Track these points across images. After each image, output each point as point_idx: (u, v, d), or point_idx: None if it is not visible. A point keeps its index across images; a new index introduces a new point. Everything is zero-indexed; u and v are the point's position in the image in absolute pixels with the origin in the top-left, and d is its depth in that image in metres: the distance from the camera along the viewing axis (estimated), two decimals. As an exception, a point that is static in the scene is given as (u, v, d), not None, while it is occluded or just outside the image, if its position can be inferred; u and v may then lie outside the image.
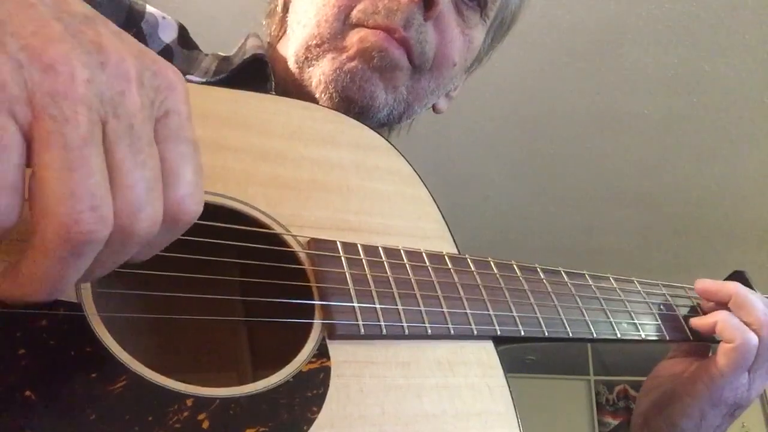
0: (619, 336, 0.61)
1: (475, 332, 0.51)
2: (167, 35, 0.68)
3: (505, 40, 0.81)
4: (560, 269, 0.62)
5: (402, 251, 0.53)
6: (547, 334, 0.55)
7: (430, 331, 0.49)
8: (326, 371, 0.43)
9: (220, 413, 0.37)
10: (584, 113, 2.43)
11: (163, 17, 0.68)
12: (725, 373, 0.63)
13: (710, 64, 2.12)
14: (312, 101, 0.63)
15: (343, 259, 0.49)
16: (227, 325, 0.53)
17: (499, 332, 0.52)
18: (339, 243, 0.50)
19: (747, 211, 3.02)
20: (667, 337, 0.66)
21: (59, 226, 0.27)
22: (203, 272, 0.44)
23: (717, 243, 3.33)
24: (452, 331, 0.50)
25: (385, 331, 0.46)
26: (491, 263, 0.58)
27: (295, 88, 0.66)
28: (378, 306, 0.47)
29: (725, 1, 1.88)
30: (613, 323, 0.61)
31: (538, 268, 0.61)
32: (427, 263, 0.53)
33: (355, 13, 0.63)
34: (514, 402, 0.50)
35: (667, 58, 2.11)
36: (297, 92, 0.65)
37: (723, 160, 2.65)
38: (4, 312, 0.33)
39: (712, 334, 0.65)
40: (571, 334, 0.57)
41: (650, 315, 0.66)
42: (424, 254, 0.54)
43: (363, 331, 0.45)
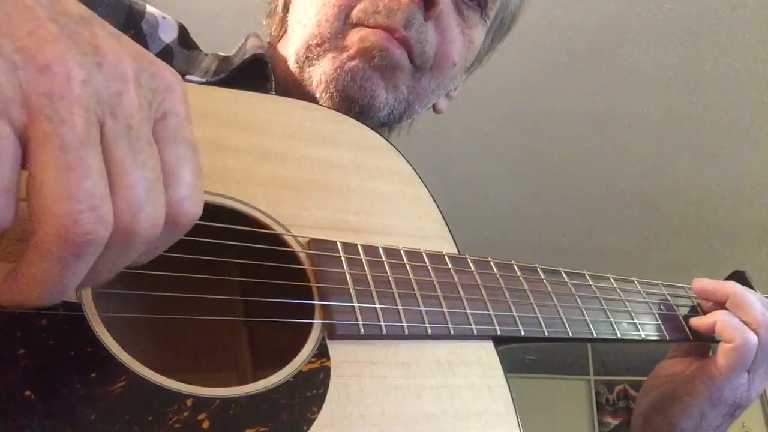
0: (619, 336, 0.61)
1: (475, 332, 0.51)
2: (167, 35, 0.68)
3: (505, 40, 0.81)
4: (560, 269, 0.62)
5: (402, 251, 0.53)
6: (547, 334, 0.55)
7: (430, 331, 0.49)
8: (326, 371, 0.43)
9: (220, 413, 0.37)
10: (584, 113, 2.43)
11: (164, 17, 0.68)
12: (725, 373, 0.63)
13: (710, 64, 2.12)
14: (312, 101, 0.63)
15: (343, 259, 0.49)
16: (227, 325, 0.53)
17: (499, 332, 0.52)
18: (339, 243, 0.50)
19: (747, 211, 3.02)
20: (667, 337, 0.66)
21: (58, 227, 0.27)
22: (203, 272, 0.44)
23: (717, 243, 3.32)
24: (452, 331, 0.50)
25: (385, 331, 0.46)
26: (491, 263, 0.58)
27: (295, 88, 0.66)
28: (378, 306, 0.47)
29: (725, 1, 1.88)
30: (613, 323, 0.61)
31: (538, 268, 0.61)
32: (427, 263, 0.53)
33: (355, 13, 0.63)
34: (514, 402, 0.50)
35: (667, 58, 2.11)
36: (297, 92, 0.65)
37: (723, 160, 2.65)
38: (4, 312, 0.33)
39: (711, 333, 0.65)
40: (571, 334, 0.57)
41: (650, 315, 0.66)
42: (424, 254, 0.54)
43: (363, 331, 0.45)
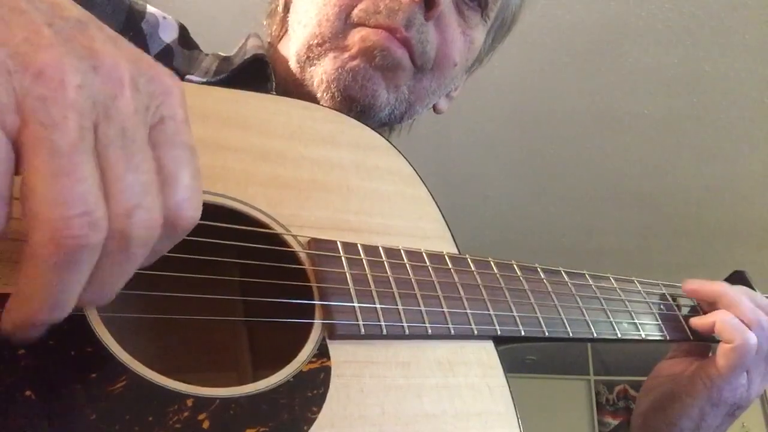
0: (619, 336, 0.61)
1: (476, 332, 0.51)
2: (168, 35, 0.68)
3: (505, 41, 0.81)
4: (560, 269, 0.62)
5: (402, 251, 0.53)
6: (547, 333, 0.55)
7: (430, 331, 0.49)
8: (326, 371, 0.43)
9: (221, 413, 0.37)
10: (584, 113, 2.43)
11: (164, 17, 0.68)
12: (724, 374, 0.63)
13: (710, 64, 2.12)
14: (313, 101, 0.63)
15: (343, 259, 0.49)
16: (227, 325, 0.53)
17: (500, 332, 0.52)
18: (339, 243, 0.50)
19: (747, 211, 3.02)
20: (668, 336, 0.66)
21: (50, 232, 0.27)
22: (203, 272, 0.44)
23: (717, 243, 3.33)
24: (452, 331, 0.50)
25: (385, 331, 0.46)
26: (491, 263, 0.57)
27: (296, 88, 0.66)
28: (378, 306, 0.47)
29: (725, 1, 1.88)
30: (614, 323, 0.61)
31: (539, 268, 0.61)
32: (428, 263, 0.53)
33: (356, 13, 0.63)
34: (514, 402, 0.50)
35: (667, 58, 2.11)
36: (298, 92, 0.65)
37: (723, 160, 2.65)
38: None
39: (711, 333, 0.66)
40: (571, 333, 0.57)
41: (650, 315, 0.66)
42: (424, 254, 0.54)
43: (363, 331, 0.45)
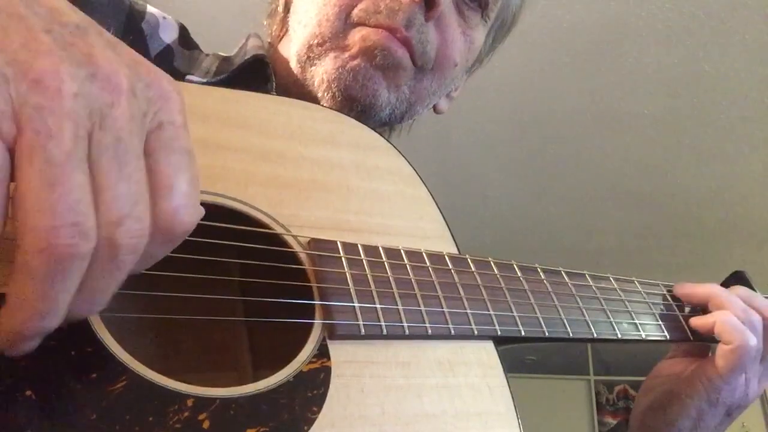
0: (619, 336, 0.61)
1: (476, 332, 0.51)
2: (168, 35, 0.68)
3: (505, 41, 0.81)
4: (560, 269, 0.62)
5: (402, 251, 0.53)
6: (547, 334, 0.55)
7: (430, 331, 0.49)
8: (326, 371, 0.43)
9: (221, 413, 0.37)
10: (584, 113, 2.43)
11: (164, 17, 0.68)
12: (723, 375, 0.63)
13: (710, 64, 2.12)
14: (314, 101, 0.63)
15: (343, 259, 0.49)
16: (227, 325, 0.53)
17: (500, 332, 0.52)
18: (339, 243, 0.50)
19: (747, 211, 3.02)
20: (668, 337, 0.66)
21: (40, 241, 0.27)
22: (204, 272, 0.44)
23: (717, 243, 3.32)
24: (452, 331, 0.50)
25: (385, 331, 0.46)
26: (491, 263, 0.58)
27: (296, 88, 0.66)
28: (378, 306, 0.47)
29: (725, 1, 1.88)
30: (614, 323, 0.61)
31: (539, 268, 0.61)
32: (428, 263, 0.53)
33: (356, 12, 0.63)
34: (514, 402, 0.50)
35: (667, 58, 2.11)
36: (299, 92, 0.65)
37: (723, 160, 2.65)
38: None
39: (711, 334, 0.66)
40: (571, 334, 0.57)
41: (650, 315, 0.66)
42: (424, 254, 0.54)
43: (363, 331, 0.45)
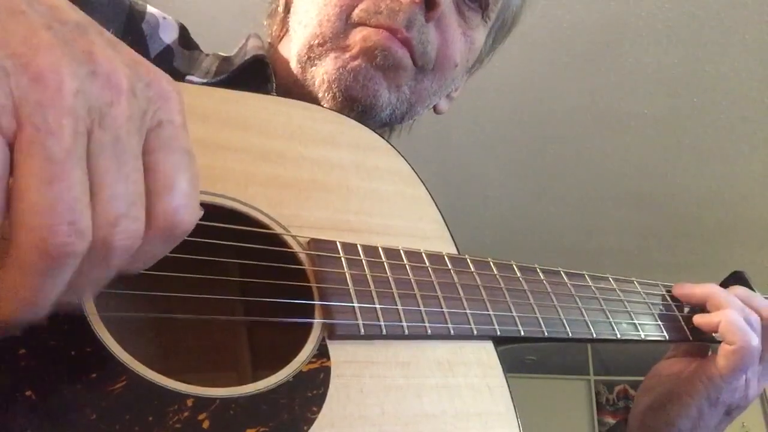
0: (618, 336, 0.61)
1: (475, 332, 0.51)
2: (168, 36, 0.68)
3: (505, 41, 0.81)
4: (560, 269, 0.62)
5: (402, 251, 0.53)
6: (546, 334, 0.55)
7: (430, 331, 0.49)
8: (326, 371, 0.43)
9: (221, 413, 0.37)
10: (584, 113, 2.43)
11: (164, 17, 0.68)
12: (724, 375, 0.63)
13: (710, 64, 2.12)
14: (314, 101, 0.63)
15: (343, 259, 0.49)
16: (227, 325, 0.53)
17: (499, 332, 0.52)
18: (339, 243, 0.50)
19: (747, 211, 3.02)
20: (667, 337, 0.66)
21: (36, 239, 0.26)
22: (203, 272, 0.44)
23: (717, 243, 3.32)
24: (452, 331, 0.50)
25: (385, 331, 0.46)
26: (491, 263, 0.58)
27: (297, 89, 0.66)
28: (378, 306, 0.47)
29: (725, 1, 1.88)
30: (613, 323, 0.61)
31: (538, 269, 0.61)
32: (427, 263, 0.53)
33: (357, 13, 0.63)
34: (514, 402, 0.50)
35: (667, 58, 2.11)
36: (299, 92, 0.65)
37: (723, 160, 2.65)
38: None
39: (713, 332, 0.66)
40: (570, 334, 0.57)
41: (650, 315, 0.66)
42: (423, 254, 0.54)
43: (363, 331, 0.45)
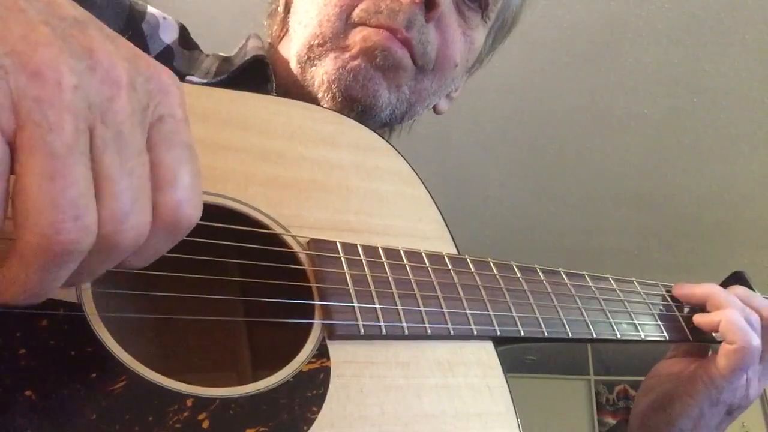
0: (618, 336, 0.61)
1: (475, 332, 0.51)
2: (168, 36, 0.68)
3: (505, 41, 0.81)
4: (560, 270, 0.62)
5: (402, 252, 0.53)
6: (546, 334, 0.55)
7: (429, 332, 0.49)
8: (326, 371, 0.43)
9: (221, 413, 0.37)
10: (584, 113, 2.43)
11: (164, 18, 0.68)
12: (725, 375, 0.63)
13: (710, 64, 2.12)
14: (314, 101, 0.63)
15: (342, 259, 0.49)
16: (227, 325, 0.53)
17: (499, 332, 0.52)
18: (339, 243, 0.50)
19: (747, 211, 3.02)
20: (667, 337, 0.66)
21: (40, 236, 0.26)
22: (203, 272, 0.44)
23: (717, 243, 3.32)
24: (452, 332, 0.50)
25: (385, 331, 0.46)
26: (491, 264, 0.58)
27: (297, 89, 0.66)
28: (378, 306, 0.47)
29: (725, 1, 1.88)
30: (613, 323, 0.61)
31: (538, 269, 0.61)
32: (427, 264, 0.53)
33: (357, 13, 0.63)
34: (514, 402, 0.50)
35: (667, 58, 2.11)
36: (299, 93, 0.65)
37: (723, 160, 2.65)
38: (5, 312, 0.33)
39: (714, 332, 0.66)
40: (570, 334, 0.57)
41: (650, 315, 0.66)
42: (423, 255, 0.54)
43: (363, 331, 0.45)
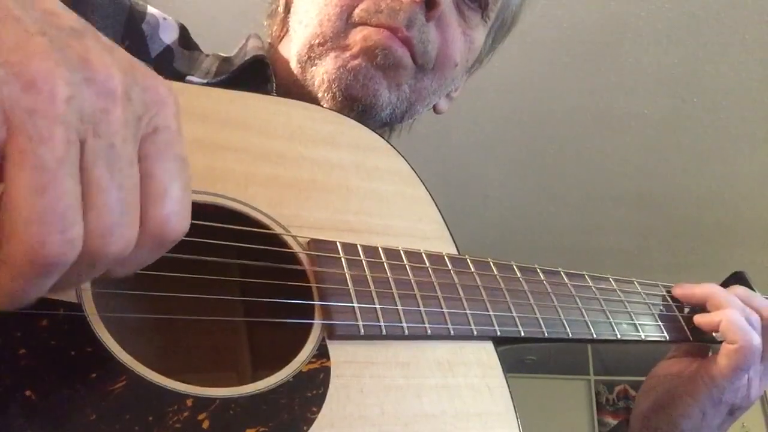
0: (618, 336, 0.61)
1: (475, 333, 0.51)
2: (168, 36, 0.68)
3: (505, 41, 0.81)
4: (560, 270, 0.62)
5: (402, 252, 0.53)
6: (546, 334, 0.55)
7: (429, 332, 0.49)
8: (326, 371, 0.43)
9: (220, 413, 0.37)
10: (584, 113, 2.42)
11: (164, 18, 0.68)
12: (726, 374, 0.63)
13: (710, 64, 2.12)
14: (314, 101, 0.63)
15: (342, 259, 0.49)
16: (227, 325, 0.53)
17: (499, 333, 0.52)
18: (339, 244, 0.50)
19: (747, 211, 3.02)
20: (667, 337, 0.66)
21: (26, 248, 0.26)
22: (203, 272, 0.44)
23: (717, 243, 3.32)
24: (452, 332, 0.50)
25: (384, 331, 0.46)
26: (491, 264, 0.58)
27: (297, 89, 0.66)
28: (378, 306, 0.47)
29: (725, 1, 1.88)
30: (613, 324, 0.61)
31: (538, 269, 0.61)
32: (427, 264, 0.53)
33: (357, 12, 0.63)
34: (513, 402, 0.50)
35: (667, 58, 2.11)
36: (299, 93, 0.65)
37: (723, 160, 2.65)
38: (5, 312, 0.33)
39: (714, 332, 0.66)
40: (570, 334, 0.57)
41: (650, 315, 0.66)
42: (423, 255, 0.54)
43: (363, 331, 0.45)
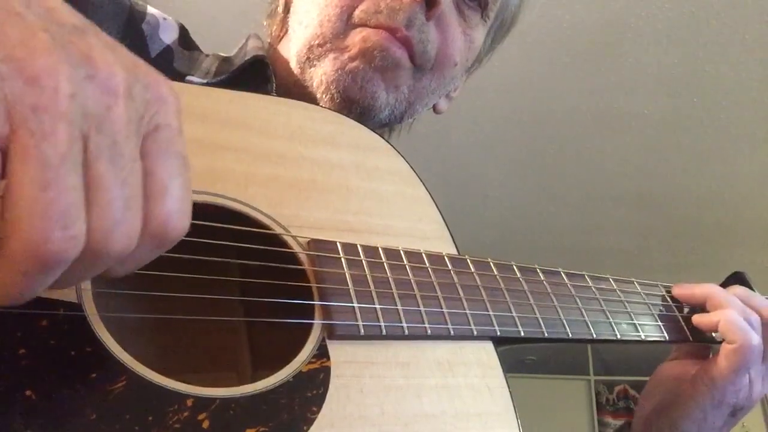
0: (618, 337, 0.61)
1: (475, 333, 0.51)
2: (168, 36, 0.68)
3: (505, 41, 0.81)
4: (560, 270, 0.62)
5: (402, 252, 0.53)
6: (546, 334, 0.55)
7: (429, 332, 0.49)
8: (326, 371, 0.43)
9: (220, 413, 0.37)
10: (584, 113, 2.42)
11: (164, 18, 0.68)
12: (726, 375, 0.63)
13: (710, 64, 2.12)
14: (314, 102, 0.63)
15: (342, 259, 0.49)
16: (227, 325, 0.53)
17: (499, 333, 0.52)
18: (339, 244, 0.50)
19: (747, 211, 3.02)
20: (667, 337, 0.66)
21: (28, 244, 0.26)
22: (203, 272, 0.44)
23: (717, 243, 3.32)
24: (452, 332, 0.50)
25: (384, 331, 0.46)
26: (491, 264, 0.58)
27: (296, 89, 0.66)
28: (378, 306, 0.47)
29: (725, 1, 1.88)
30: (613, 324, 0.61)
31: (538, 269, 0.61)
32: (427, 264, 0.53)
33: (357, 13, 0.63)
34: (513, 402, 0.50)
35: (667, 58, 2.11)
36: (298, 93, 0.65)
37: (723, 160, 2.65)
38: (5, 312, 0.33)
39: (713, 332, 0.65)
40: (570, 334, 0.57)
41: (650, 316, 0.66)
42: (423, 255, 0.54)
43: (363, 331, 0.45)
